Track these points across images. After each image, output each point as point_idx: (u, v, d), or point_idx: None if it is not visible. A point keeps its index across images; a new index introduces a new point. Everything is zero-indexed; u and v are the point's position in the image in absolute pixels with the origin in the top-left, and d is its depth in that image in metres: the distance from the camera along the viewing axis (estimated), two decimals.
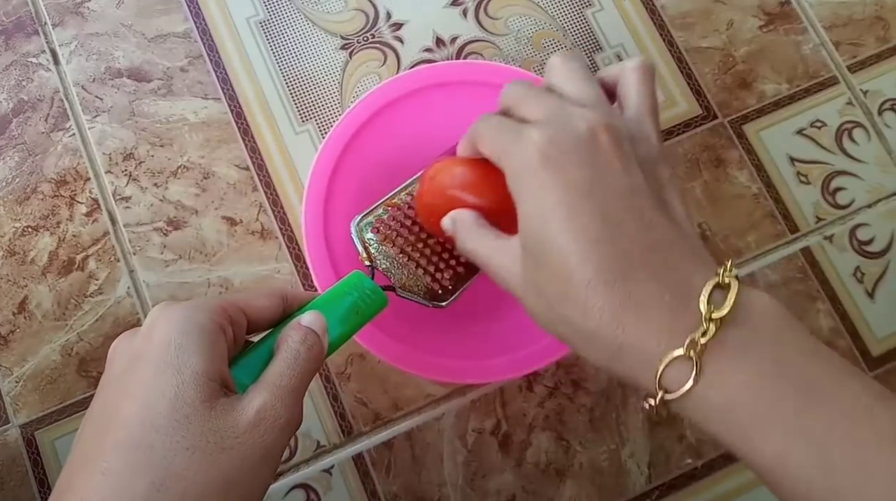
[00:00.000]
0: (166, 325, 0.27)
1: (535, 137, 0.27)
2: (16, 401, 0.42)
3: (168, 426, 0.25)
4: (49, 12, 0.48)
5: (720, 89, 0.48)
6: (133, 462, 0.24)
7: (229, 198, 0.46)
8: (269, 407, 0.26)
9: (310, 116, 0.47)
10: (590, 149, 0.27)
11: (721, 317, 0.25)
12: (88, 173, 0.46)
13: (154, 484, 0.24)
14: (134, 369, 0.26)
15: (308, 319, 0.30)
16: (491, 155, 0.30)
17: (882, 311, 0.45)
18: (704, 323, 0.25)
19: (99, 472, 0.24)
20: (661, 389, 0.25)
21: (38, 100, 0.47)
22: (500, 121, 0.30)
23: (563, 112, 0.28)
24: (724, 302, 0.25)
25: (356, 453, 0.42)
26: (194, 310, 0.27)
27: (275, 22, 0.48)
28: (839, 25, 0.50)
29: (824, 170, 0.47)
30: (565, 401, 0.43)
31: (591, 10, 0.49)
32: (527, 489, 0.42)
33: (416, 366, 0.39)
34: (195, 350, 0.26)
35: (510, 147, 0.28)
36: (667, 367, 0.25)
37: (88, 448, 0.26)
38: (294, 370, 0.27)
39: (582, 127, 0.28)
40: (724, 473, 0.43)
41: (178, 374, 0.25)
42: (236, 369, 0.28)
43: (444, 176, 0.33)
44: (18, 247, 0.45)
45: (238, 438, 0.25)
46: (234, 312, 0.29)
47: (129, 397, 0.26)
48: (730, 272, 0.26)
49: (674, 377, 0.25)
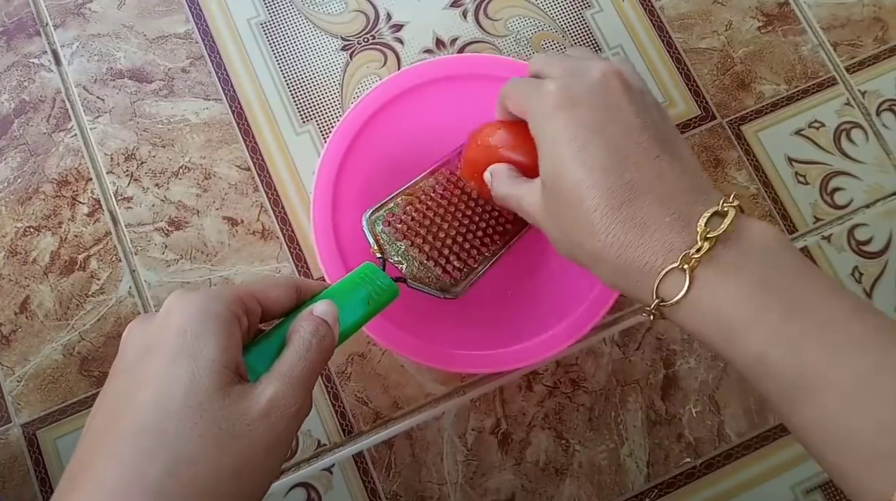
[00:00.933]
0: (183, 313, 0.27)
1: (551, 87, 0.31)
2: (17, 401, 0.43)
3: (181, 412, 0.25)
4: (51, 13, 0.49)
5: (719, 90, 0.49)
6: (146, 448, 0.24)
7: (230, 199, 0.46)
8: (281, 396, 0.26)
9: (310, 117, 0.47)
10: (602, 92, 0.31)
11: (716, 236, 0.27)
12: (90, 173, 0.46)
13: (166, 469, 0.24)
14: (149, 355, 0.27)
15: (320, 309, 0.30)
16: (516, 109, 0.34)
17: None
18: (699, 241, 0.27)
19: (111, 456, 0.24)
20: (658, 298, 0.28)
21: (39, 101, 0.47)
22: (525, 80, 0.34)
23: (578, 65, 0.32)
24: (721, 224, 0.27)
25: (357, 452, 0.42)
26: (211, 299, 0.28)
27: (276, 23, 0.49)
28: (837, 26, 0.50)
29: (822, 170, 0.48)
30: (564, 400, 0.43)
31: (590, 11, 0.50)
32: (526, 487, 0.42)
33: (432, 359, 0.39)
34: (211, 338, 0.26)
35: (531, 98, 0.32)
36: (663, 279, 0.28)
37: (101, 433, 0.26)
38: (306, 360, 0.28)
39: (595, 74, 0.31)
40: (722, 472, 0.43)
41: (193, 362, 0.26)
42: (249, 357, 0.28)
43: (485, 136, 0.37)
44: (20, 247, 0.45)
45: (250, 426, 0.26)
46: (249, 301, 0.29)
47: (144, 383, 0.26)
48: (731, 202, 0.28)
49: (669, 288, 0.28)
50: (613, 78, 0.31)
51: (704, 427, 0.43)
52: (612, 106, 0.30)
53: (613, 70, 0.31)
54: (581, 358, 0.44)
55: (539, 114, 0.31)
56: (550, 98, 0.31)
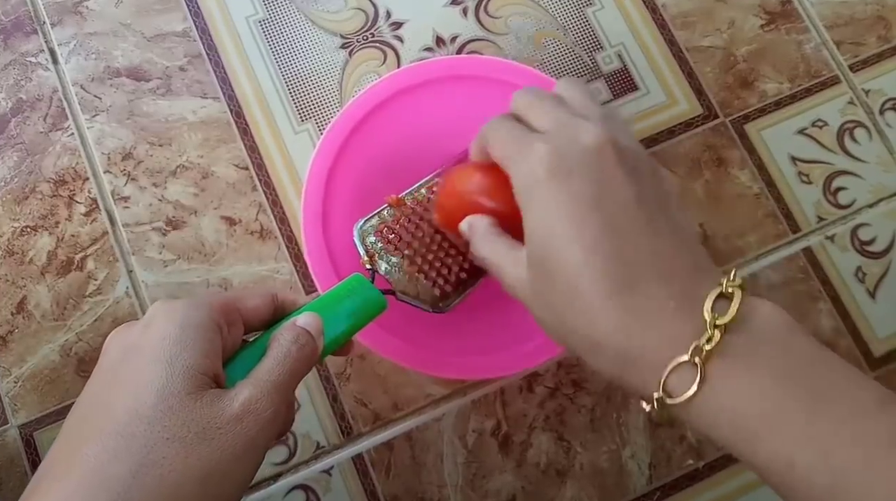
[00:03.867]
0: (165, 320, 0.27)
1: (541, 150, 0.28)
2: (14, 402, 0.42)
3: (152, 415, 0.25)
4: (48, 11, 0.48)
5: (721, 88, 0.48)
6: (113, 449, 0.24)
7: (228, 198, 0.45)
8: (255, 401, 0.26)
9: (309, 116, 0.47)
10: (597, 162, 0.28)
11: (725, 324, 0.25)
12: (87, 173, 0.46)
13: (131, 471, 0.24)
14: (127, 360, 0.27)
15: (303, 320, 0.30)
16: (499, 161, 0.31)
17: (884, 311, 0.45)
18: (709, 330, 0.25)
19: (80, 456, 0.24)
20: (665, 394, 0.26)
21: (36, 100, 0.47)
22: (510, 127, 0.31)
23: (570, 123, 0.29)
24: (728, 309, 0.25)
25: (356, 453, 0.42)
26: (194, 307, 0.28)
27: (274, 21, 0.48)
28: (840, 25, 0.50)
29: (826, 169, 0.47)
30: (566, 402, 0.43)
31: (591, 8, 0.49)
32: (527, 490, 0.42)
33: (424, 365, 0.39)
34: (190, 344, 0.26)
35: (518, 157, 0.29)
36: (671, 373, 0.25)
37: (73, 433, 0.26)
38: (283, 367, 0.28)
39: (588, 140, 0.28)
40: (725, 474, 0.43)
41: (168, 366, 0.26)
42: (228, 367, 0.28)
43: (463, 180, 0.34)
44: (17, 246, 0.44)
45: (220, 429, 0.25)
46: (232, 312, 0.29)
47: (119, 386, 0.26)
48: (733, 281, 0.26)
49: (678, 383, 0.25)
50: (608, 146, 0.28)
51: None
52: (607, 178, 0.28)
53: (608, 138, 0.29)
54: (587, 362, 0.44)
55: (528, 180, 0.29)
56: (541, 163, 0.28)
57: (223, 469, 0.25)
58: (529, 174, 0.29)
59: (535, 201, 0.28)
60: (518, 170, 0.29)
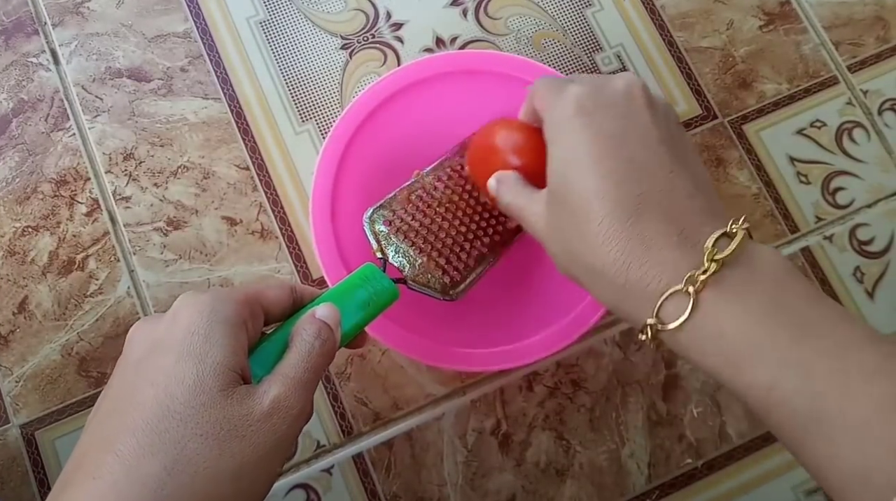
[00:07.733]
0: (192, 313, 0.27)
1: (574, 90, 0.31)
2: (16, 401, 0.42)
3: (184, 412, 0.25)
4: (49, 12, 0.48)
5: (720, 89, 0.48)
6: (146, 446, 0.24)
7: (229, 198, 0.46)
8: (284, 398, 0.27)
9: (310, 116, 0.47)
10: (624, 102, 0.30)
11: (723, 258, 0.26)
12: (88, 173, 0.46)
13: (166, 468, 0.24)
14: (155, 354, 0.27)
15: (322, 312, 0.30)
16: (539, 111, 0.33)
17: (882, 311, 0.45)
18: (706, 262, 0.26)
19: (112, 453, 0.24)
20: (658, 321, 0.27)
21: (38, 100, 0.47)
22: (553, 79, 0.33)
23: (604, 77, 0.32)
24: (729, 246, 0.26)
25: (356, 453, 0.42)
26: (220, 301, 0.28)
27: (275, 22, 0.48)
28: (839, 25, 0.50)
29: (824, 169, 0.47)
30: (565, 401, 0.43)
31: (591, 9, 0.49)
32: (527, 489, 0.42)
33: (432, 357, 0.39)
34: (219, 340, 0.26)
35: (553, 99, 0.31)
36: (665, 301, 0.26)
37: (103, 429, 0.26)
38: (308, 363, 0.28)
39: (620, 84, 0.31)
40: (724, 473, 0.43)
41: (199, 363, 0.26)
42: (252, 359, 0.28)
43: (496, 138, 0.36)
44: (18, 246, 0.45)
45: (252, 427, 0.26)
46: (254, 305, 0.29)
47: (149, 382, 0.26)
48: (740, 225, 0.27)
49: (672, 311, 0.26)
50: (638, 89, 0.31)
51: (706, 427, 0.43)
52: (634, 115, 0.30)
53: (641, 84, 0.31)
54: (582, 358, 0.44)
55: (558, 116, 0.31)
56: (573, 102, 0.30)
57: (254, 465, 0.26)
58: (561, 112, 0.30)
59: (563, 134, 0.30)
60: (552, 111, 0.31)
